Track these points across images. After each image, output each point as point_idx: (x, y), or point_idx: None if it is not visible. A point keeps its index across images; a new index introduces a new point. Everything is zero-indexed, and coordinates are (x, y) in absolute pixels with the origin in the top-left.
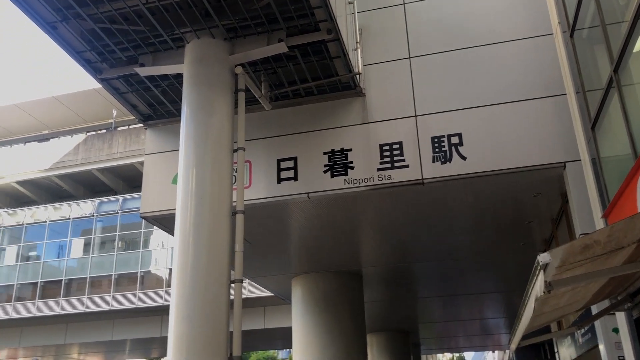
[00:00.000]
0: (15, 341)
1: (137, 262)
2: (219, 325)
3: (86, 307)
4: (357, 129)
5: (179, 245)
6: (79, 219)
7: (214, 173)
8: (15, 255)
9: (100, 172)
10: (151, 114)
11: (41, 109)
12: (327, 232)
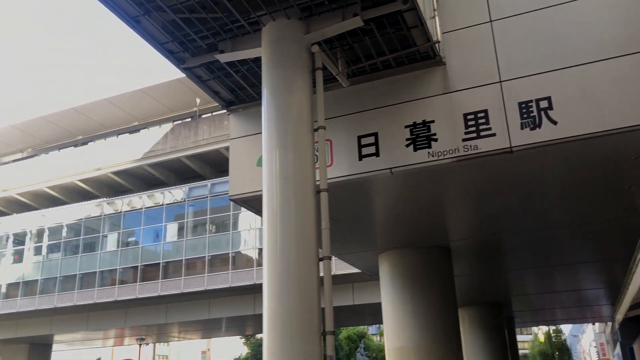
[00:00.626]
0: (122, 321)
1: (228, 243)
2: (311, 302)
3: (183, 288)
4: (438, 99)
5: (267, 225)
6: (172, 204)
7: (297, 153)
8: (116, 242)
9: (188, 159)
10: (233, 99)
11: (130, 102)
12: (412, 206)
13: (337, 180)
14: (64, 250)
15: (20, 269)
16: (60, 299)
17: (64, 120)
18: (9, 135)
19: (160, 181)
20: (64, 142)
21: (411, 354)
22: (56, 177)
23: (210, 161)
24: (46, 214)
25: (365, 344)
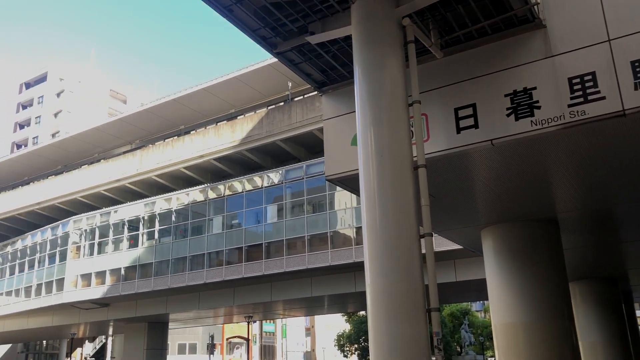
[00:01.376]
0: (230, 300)
1: (325, 223)
2: (414, 279)
3: (285, 267)
4: (540, 64)
5: (366, 204)
6: (270, 187)
7: (392, 130)
8: (221, 224)
9: (283, 142)
10: (325, 80)
11: (226, 89)
12: (515, 179)
13: (435, 155)
14: (174, 234)
15: (136, 253)
16: (173, 280)
17: (166, 111)
18: (118, 129)
19: (258, 165)
20: (168, 132)
21: (519, 331)
22: (163, 166)
23: (304, 143)
24: (156, 200)
25: (470, 321)
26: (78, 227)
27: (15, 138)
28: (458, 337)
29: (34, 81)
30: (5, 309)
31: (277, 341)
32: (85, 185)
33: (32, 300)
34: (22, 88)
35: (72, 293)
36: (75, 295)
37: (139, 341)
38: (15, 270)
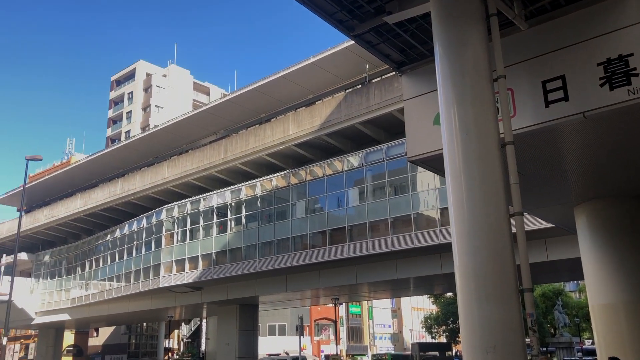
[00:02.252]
0: (316, 283)
1: (408, 204)
2: (505, 259)
3: (370, 250)
4: (636, 29)
5: (452, 184)
6: (351, 170)
7: (476, 107)
8: (304, 209)
9: (362, 125)
10: (404, 59)
11: (303, 76)
12: (610, 152)
13: (523, 131)
14: (259, 219)
15: (225, 239)
16: (262, 263)
17: (247, 100)
18: (203, 120)
19: (338, 149)
20: (250, 121)
21: (620, 311)
22: (246, 154)
23: (383, 125)
24: (241, 187)
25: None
26: (170, 215)
27: (110, 133)
28: (551, 319)
29: (123, 78)
30: (109, 293)
31: (364, 323)
32: (175, 175)
33: (132, 285)
34: (113, 86)
35: (167, 278)
36: (170, 279)
37: (231, 323)
38: (116, 257)
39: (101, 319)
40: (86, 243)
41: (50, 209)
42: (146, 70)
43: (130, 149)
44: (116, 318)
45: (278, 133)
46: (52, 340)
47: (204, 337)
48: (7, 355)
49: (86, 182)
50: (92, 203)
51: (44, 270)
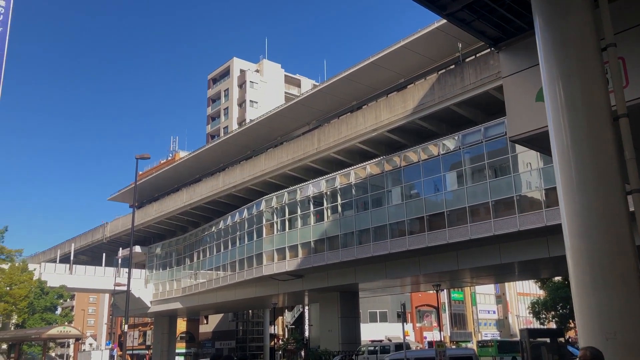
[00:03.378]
0: (416, 269)
1: (510, 186)
2: (623, 240)
3: (471, 235)
4: None
5: (559, 162)
6: (447, 154)
7: (584, 79)
8: (400, 195)
9: (457, 107)
10: (500, 35)
11: (393, 60)
12: None
13: (638, 102)
14: (355, 207)
15: (322, 227)
16: (360, 251)
17: (337, 89)
18: (295, 112)
19: (433, 132)
20: (341, 110)
21: None
22: (339, 142)
23: (480, 105)
24: (336, 176)
25: None
26: (269, 205)
27: (209, 130)
28: None
29: (219, 76)
30: (216, 282)
31: (467, 309)
32: (271, 167)
33: (237, 274)
34: (210, 84)
35: (269, 266)
36: (272, 268)
37: (333, 309)
38: (221, 247)
39: (210, 306)
40: (193, 235)
41: (159, 204)
42: (240, 67)
43: (228, 144)
44: (223, 306)
45: (370, 120)
46: (167, 327)
47: (307, 323)
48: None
49: (190, 177)
50: (197, 197)
51: (156, 261)
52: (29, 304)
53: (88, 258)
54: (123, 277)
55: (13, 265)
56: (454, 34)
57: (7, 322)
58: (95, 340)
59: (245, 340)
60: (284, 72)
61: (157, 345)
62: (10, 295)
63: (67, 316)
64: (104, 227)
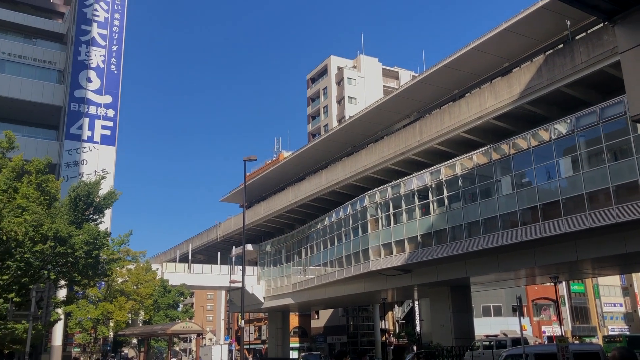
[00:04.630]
0: (530, 261)
1: (633, 169)
2: None
3: (590, 223)
4: None
5: None
6: (560, 139)
7: None
8: (510, 185)
9: (568, 88)
10: (615, 7)
11: (495, 44)
12: None
13: None
14: (463, 199)
15: (429, 221)
16: (469, 244)
17: (437, 78)
18: (395, 105)
19: (542, 117)
20: (442, 99)
21: None
22: (442, 133)
23: (593, 84)
24: (440, 168)
25: None
26: (373, 200)
27: (310, 129)
28: None
29: (317, 75)
30: (325, 278)
31: (590, 302)
32: (373, 162)
33: (344, 269)
34: (308, 84)
35: (376, 262)
36: (379, 263)
37: (443, 304)
38: (327, 243)
39: (320, 302)
40: (300, 232)
41: (267, 203)
42: (337, 64)
43: (330, 142)
44: (333, 301)
45: (474, 108)
46: (280, 322)
47: (418, 318)
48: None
49: (295, 176)
50: (302, 195)
51: (267, 258)
52: (154, 301)
53: (204, 257)
54: (237, 274)
55: (138, 266)
56: (561, 12)
57: (136, 318)
58: (214, 335)
59: (356, 335)
60: (381, 65)
61: (271, 340)
62: (137, 294)
63: (188, 312)
64: (217, 227)
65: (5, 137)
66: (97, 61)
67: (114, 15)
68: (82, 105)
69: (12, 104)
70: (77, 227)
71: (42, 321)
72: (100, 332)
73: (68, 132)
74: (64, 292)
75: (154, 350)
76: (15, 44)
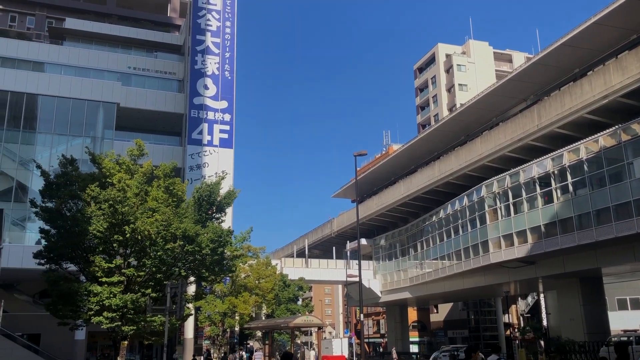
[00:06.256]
0: None
1: None
2: None
3: None
4: None
5: None
6: None
7: None
8: None
9: None
10: None
11: (621, 15)
12: None
13: None
14: (589, 184)
15: (552, 209)
16: (599, 232)
17: (555, 58)
18: (509, 89)
19: None
20: (561, 80)
21: None
22: (563, 116)
23: None
24: (563, 153)
25: None
26: (490, 190)
27: (419, 120)
28: None
29: (424, 64)
30: (442, 271)
31: None
32: (489, 150)
33: (463, 263)
34: (416, 74)
35: (496, 253)
36: (500, 255)
37: (573, 297)
38: (443, 236)
39: (438, 296)
40: (414, 225)
41: (378, 198)
42: (445, 52)
43: (441, 132)
44: (452, 295)
45: (598, 86)
46: (398, 317)
47: (544, 312)
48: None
49: (405, 168)
50: (414, 188)
51: (382, 253)
52: (275, 295)
53: (320, 252)
54: (353, 268)
55: (259, 261)
56: None
57: (259, 312)
58: (333, 329)
59: (478, 330)
60: (492, 49)
61: (390, 334)
62: (259, 288)
63: (307, 306)
64: (331, 223)
65: (136, 146)
66: (212, 69)
67: (225, 23)
68: (201, 112)
69: (139, 114)
70: (202, 226)
71: (177, 315)
72: (227, 325)
73: (190, 138)
74: (193, 288)
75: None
76: (139, 58)
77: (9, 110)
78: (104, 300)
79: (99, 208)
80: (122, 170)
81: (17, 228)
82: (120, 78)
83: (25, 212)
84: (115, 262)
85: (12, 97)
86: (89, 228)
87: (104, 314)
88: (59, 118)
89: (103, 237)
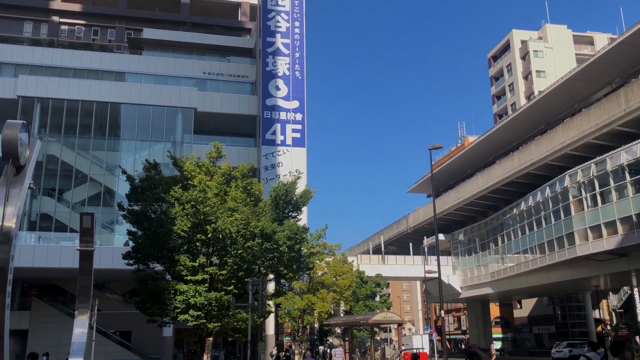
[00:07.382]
0: None
1: None
2: None
3: None
4: None
5: None
6: None
7: None
8: None
9: None
10: None
11: None
12: None
13: None
14: None
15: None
16: None
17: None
18: (591, 73)
19: None
20: None
21: None
22: None
23: None
24: None
25: None
26: (574, 180)
27: (496, 110)
28: None
29: (498, 52)
30: (525, 265)
31: None
32: (571, 138)
33: (547, 256)
34: (490, 62)
35: (583, 246)
36: (587, 247)
37: None
38: (525, 229)
39: (521, 291)
40: (494, 219)
41: (455, 191)
42: (520, 38)
43: (519, 121)
44: (536, 289)
45: None
46: (480, 312)
47: (638, 307)
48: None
49: (483, 161)
50: (492, 180)
51: (460, 248)
52: (352, 292)
53: (396, 248)
54: (431, 264)
55: (335, 259)
56: None
57: (337, 309)
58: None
59: (565, 326)
60: (572, 32)
61: (472, 330)
62: (336, 285)
63: (385, 303)
64: (407, 218)
65: (214, 148)
66: (282, 69)
67: (294, 23)
68: (274, 112)
69: (215, 118)
70: (279, 224)
71: (259, 312)
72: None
73: (264, 138)
74: (273, 286)
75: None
76: (213, 63)
77: (95, 119)
78: (190, 298)
79: (182, 209)
80: (202, 172)
81: (106, 231)
82: (196, 83)
83: (113, 216)
84: (199, 261)
85: (97, 107)
86: (174, 228)
87: (189, 312)
88: (141, 125)
89: (187, 236)
